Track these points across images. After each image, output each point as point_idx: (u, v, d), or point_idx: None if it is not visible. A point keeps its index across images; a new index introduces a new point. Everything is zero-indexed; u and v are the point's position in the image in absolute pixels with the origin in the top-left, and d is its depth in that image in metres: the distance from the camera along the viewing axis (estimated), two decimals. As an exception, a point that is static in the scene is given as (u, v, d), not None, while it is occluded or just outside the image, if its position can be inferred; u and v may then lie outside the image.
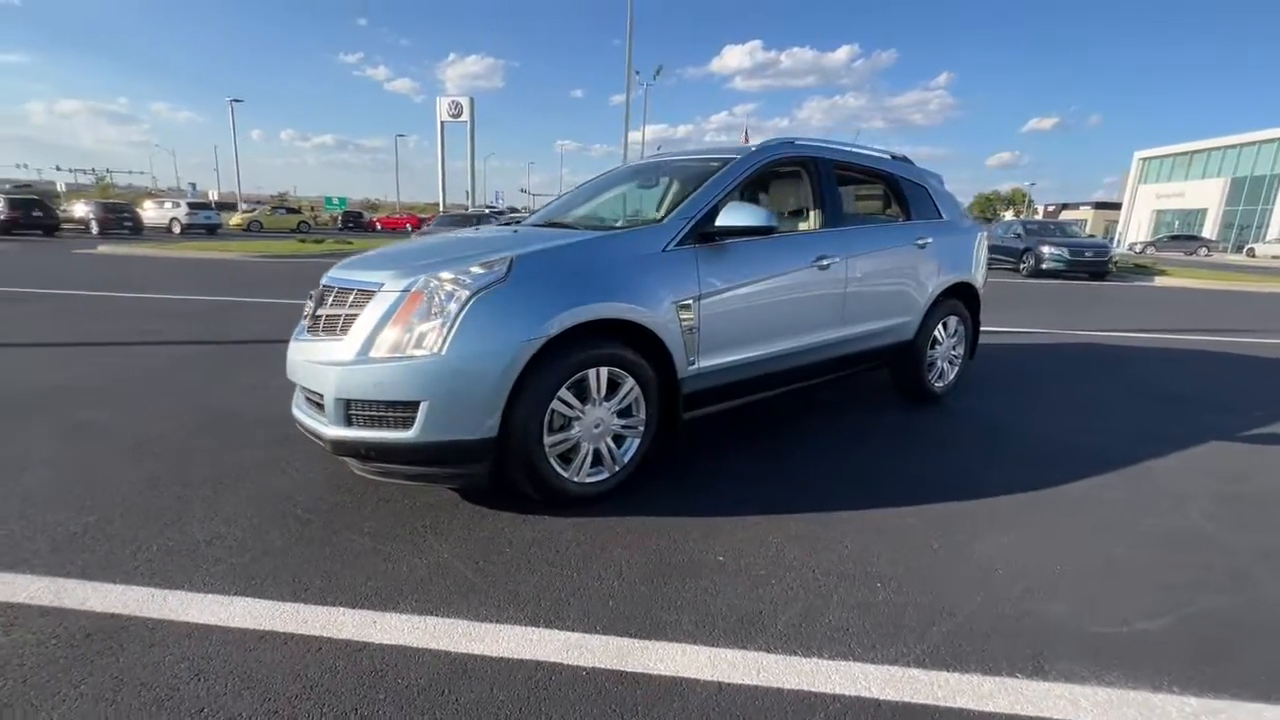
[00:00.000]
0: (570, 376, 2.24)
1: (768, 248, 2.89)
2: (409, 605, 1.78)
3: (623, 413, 2.45)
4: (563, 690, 1.47)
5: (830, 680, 1.53)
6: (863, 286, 3.26)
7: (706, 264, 2.60)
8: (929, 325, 3.72)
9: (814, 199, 3.23)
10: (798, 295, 2.97)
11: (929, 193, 3.86)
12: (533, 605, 1.79)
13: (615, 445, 2.45)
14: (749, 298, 2.76)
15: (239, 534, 2.13)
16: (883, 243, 3.42)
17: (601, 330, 2.32)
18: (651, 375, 2.47)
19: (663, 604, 1.82)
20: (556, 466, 2.29)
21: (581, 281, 2.29)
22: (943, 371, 3.96)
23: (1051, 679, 1.55)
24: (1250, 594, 1.95)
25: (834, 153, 3.40)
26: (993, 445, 3.26)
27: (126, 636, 1.61)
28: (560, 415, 2.27)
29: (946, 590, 1.93)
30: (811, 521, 2.35)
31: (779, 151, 3.13)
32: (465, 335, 2.07)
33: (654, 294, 2.42)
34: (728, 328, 2.69)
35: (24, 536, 2.07)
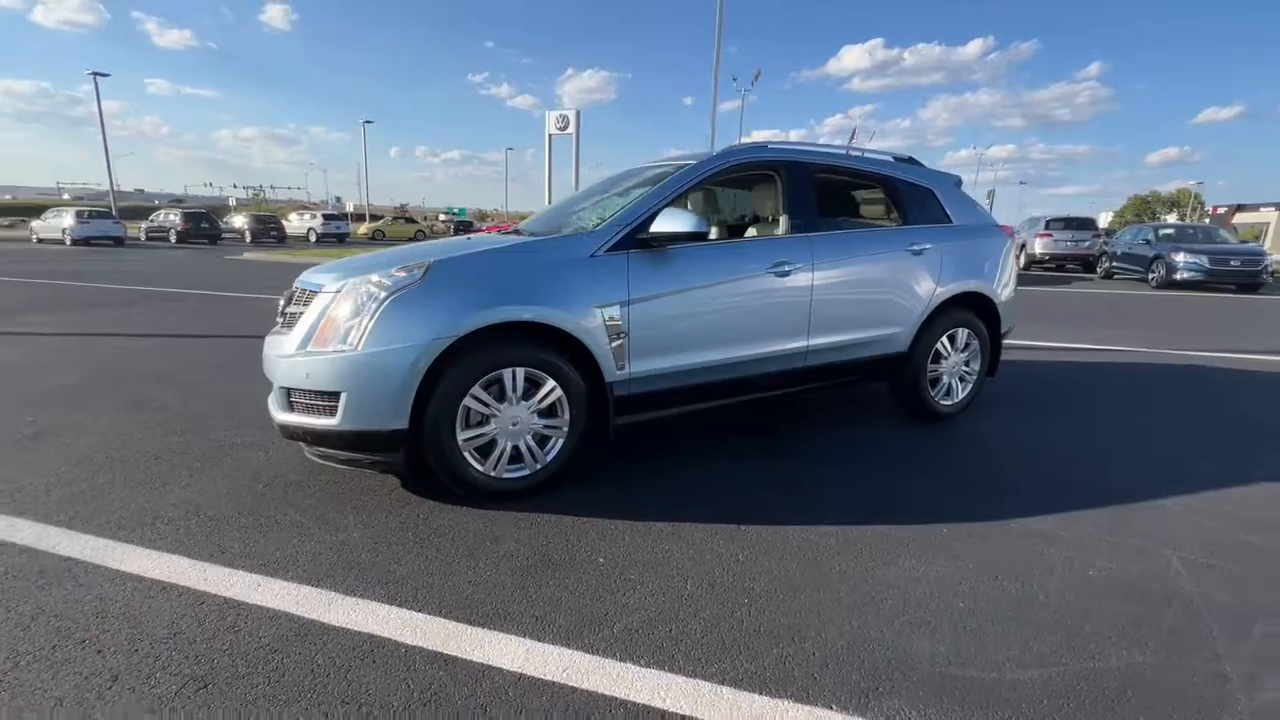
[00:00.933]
0: (483, 375, 2.37)
1: (715, 253, 2.86)
2: (296, 574, 1.97)
3: (546, 413, 2.53)
4: (376, 661, 1.59)
5: (629, 686, 1.53)
6: (835, 295, 3.12)
7: (641, 270, 2.63)
8: (928, 337, 3.47)
9: (783, 204, 3.13)
10: (750, 303, 2.91)
11: (935, 196, 3.59)
12: (399, 586, 1.93)
13: (539, 445, 2.54)
14: (690, 304, 2.75)
15: (200, 501, 2.46)
16: (862, 249, 3.24)
17: (519, 332, 2.42)
18: (575, 378, 2.53)
19: (519, 597, 1.89)
20: (471, 460, 2.42)
21: (496, 286, 2.41)
22: (950, 388, 3.66)
23: (864, 715, 1.45)
24: (1179, 660, 1.68)
25: (814, 156, 3.27)
26: (977, 471, 2.99)
27: (68, 577, 1.93)
28: (476, 412, 2.40)
29: (817, 614, 1.83)
30: (719, 533, 2.30)
31: (742, 156, 3.08)
32: (379, 333, 2.25)
33: (575, 299, 2.49)
34: (664, 334, 2.69)
35: (46, 490, 2.52)
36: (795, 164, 3.17)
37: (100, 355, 5.01)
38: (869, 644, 1.70)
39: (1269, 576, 2.09)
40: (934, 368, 3.57)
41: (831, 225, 3.29)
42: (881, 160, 3.56)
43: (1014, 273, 3.88)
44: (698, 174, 2.91)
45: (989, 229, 3.77)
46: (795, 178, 3.14)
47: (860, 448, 3.24)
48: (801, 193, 3.14)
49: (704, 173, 2.93)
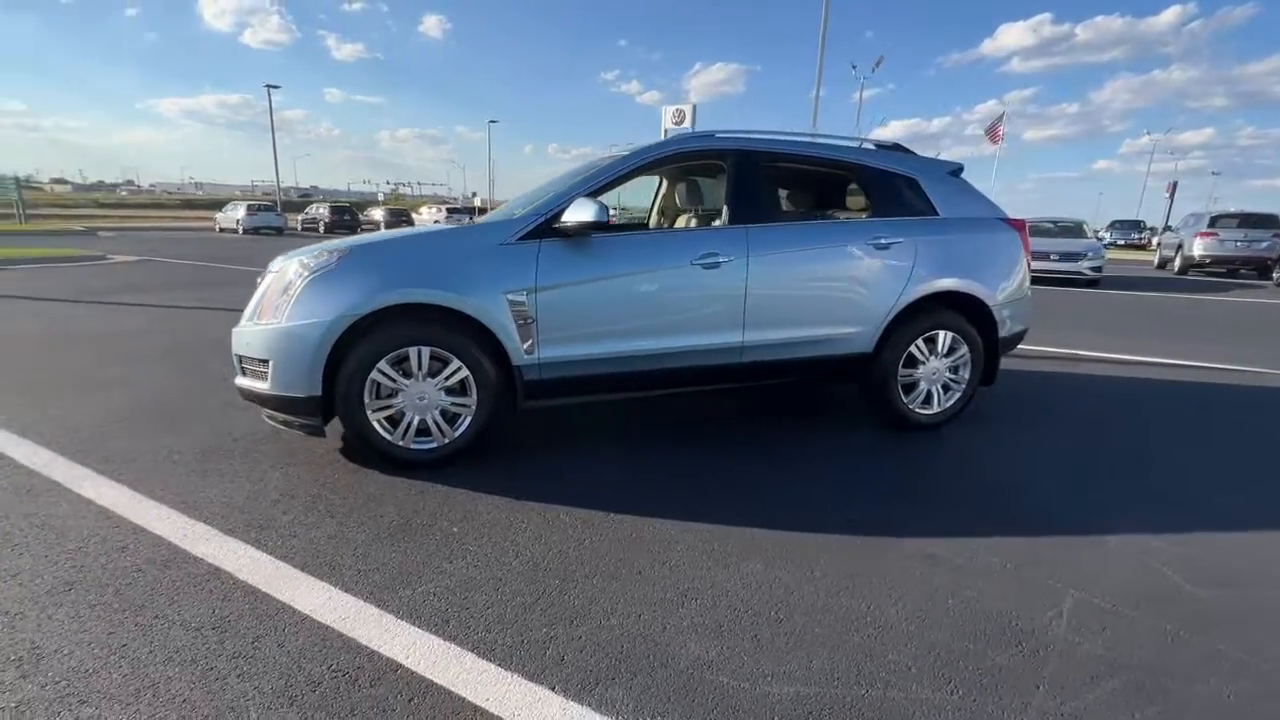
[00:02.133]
0: (390, 351, 2.57)
1: (637, 243, 2.86)
2: (199, 513, 2.29)
3: (455, 391, 2.69)
4: (207, 588, 1.83)
5: (388, 641, 1.65)
6: (776, 290, 2.99)
7: (553, 258, 2.70)
8: (899, 339, 3.21)
9: (727, 194, 3.05)
10: (673, 294, 2.87)
11: (919, 186, 3.29)
12: (270, 532, 2.18)
13: (448, 422, 2.72)
14: (607, 293, 2.78)
15: (176, 448, 2.90)
16: (810, 242, 3.06)
17: (427, 314, 2.60)
18: (482, 360, 2.67)
19: (359, 553, 2.07)
20: (380, 429, 2.65)
21: (402, 270, 2.60)
22: (931, 395, 3.35)
23: (579, 700, 1.46)
24: (971, 705, 1.49)
25: (767, 145, 3.14)
26: (915, 482, 2.74)
27: (32, 493, 2.40)
28: (385, 386, 2.61)
29: (616, 603, 1.84)
30: (585, 519, 2.34)
31: (683, 145, 3.03)
32: (297, 309, 2.53)
33: (481, 284, 2.62)
34: (576, 321, 2.75)
35: (74, 428, 3.09)
36: (742, 153, 3.06)
37: (189, 325, 5.93)
38: (640, 638, 1.69)
39: (1177, 635, 1.76)
40: (908, 373, 3.29)
41: (779, 216, 3.14)
42: (851, 148, 3.32)
43: (1022, 272, 3.45)
44: (629, 164, 2.92)
45: (987, 223, 3.39)
46: (740, 167, 3.04)
47: (800, 448, 3.08)
48: (745, 183, 3.03)
49: (636, 163, 2.93)
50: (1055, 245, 12.24)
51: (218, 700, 1.43)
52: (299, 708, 1.42)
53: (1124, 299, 10.55)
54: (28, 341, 5.07)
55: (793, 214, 3.32)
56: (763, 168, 3.08)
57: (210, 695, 1.45)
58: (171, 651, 1.59)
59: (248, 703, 1.43)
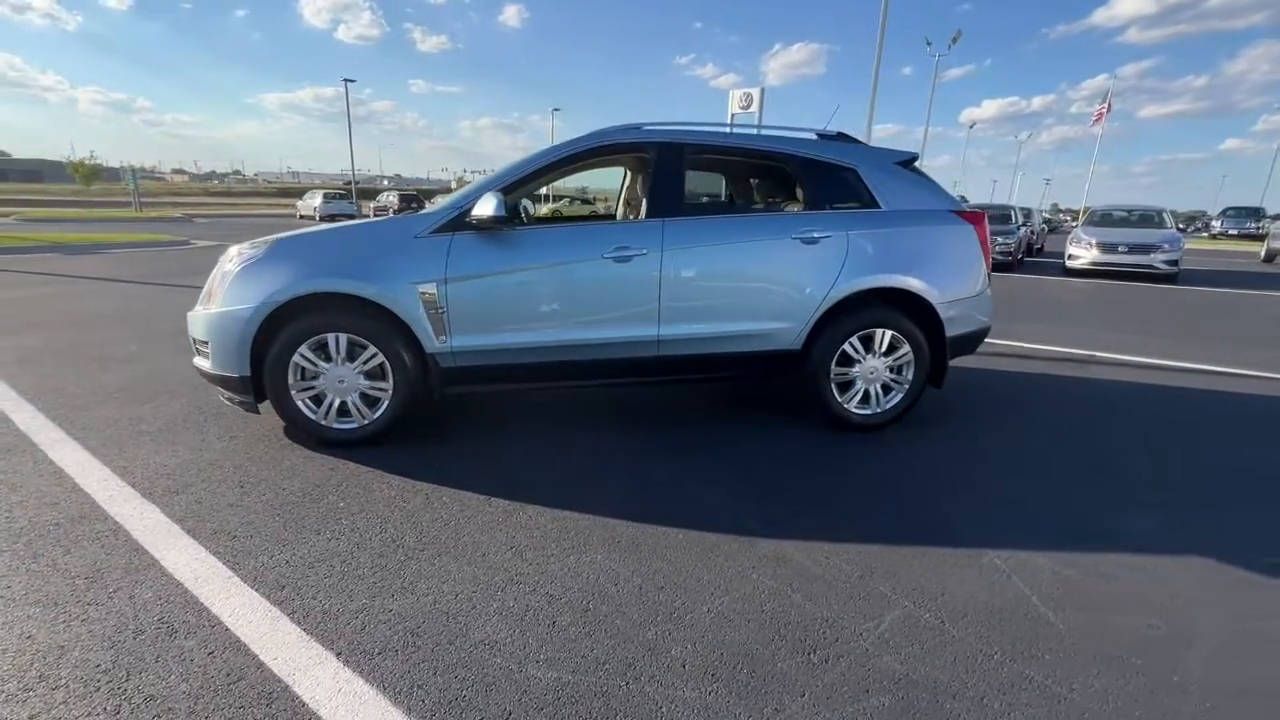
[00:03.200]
0: (310, 336, 2.77)
1: (549, 237, 2.93)
2: (132, 477, 2.58)
3: (374, 375, 2.87)
4: (89, 535, 2.09)
5: (212, 593, 1.83)
6: (691, 284, 2.97)
7: (465, 250, 2.81)
8: (831, 337, 3.12)
9: (648, 187, 3.04)
10: (584, 287, 2.92)
11: (858, 176, 3.16)
12: (180, 497, 2.43)
13: (368, 404, 2.90)
14: (517, 284, 2.86)
15: (147, 418, 3.24)
16: (729, 236, 3.01)
17: (345, 302, 2.77)
18: (398, 347, 2.83)
19: (247, 519, 2.27)
20: (305, 408, 2.86)
21: (321, 261, 2.78)
22: (870, 395, 3.24)
23: (349, 664, 1.58)
24: (710, 699, 1.50)
25: (692, 137, 3.10)
26: (826, 489, 2.68)
27: (10, 451, 2.76)
28: (307, 369, 2.82)
29: (439, 583, 1.95)
30: (464, 504, 2.46)
31: (607, 138, 3.05)
32: (227, 295, 2.77)
33: (393, 275, 2.77)
34: (487, 311, 2.86)
35: (72, 396, 3.51)
36: (665, 145, 3.05)
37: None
38: (446, 616, 1.79)
39: (990, 656, 1.68)
40: (843, 371, 3.19)
41: (703, 210, 3.10)
42: (785, 138, 3.22)
43: (977, 268, 3.25)
44: (545, 159, 2.98)
45: (934, 215, 3.21)
46: (662, 160, 3.03)
47: (721, 444, 3.07)
48: (666, 176, 3.02)
49: (552, 158, 2.98)
50: (1125, 236, 11.23)
51: (53, 638, 1.65)
52: (115, 652, 1.61)
53: (1199, 296, 9.57)
54: (78, 319, 5.72)
55: (721, 208, 3.26)
56: (687, 160, 3.06)
57: (50, 634, 1.67)
58: (42, 595, 1.83)
59: (77, 643, 1.63)
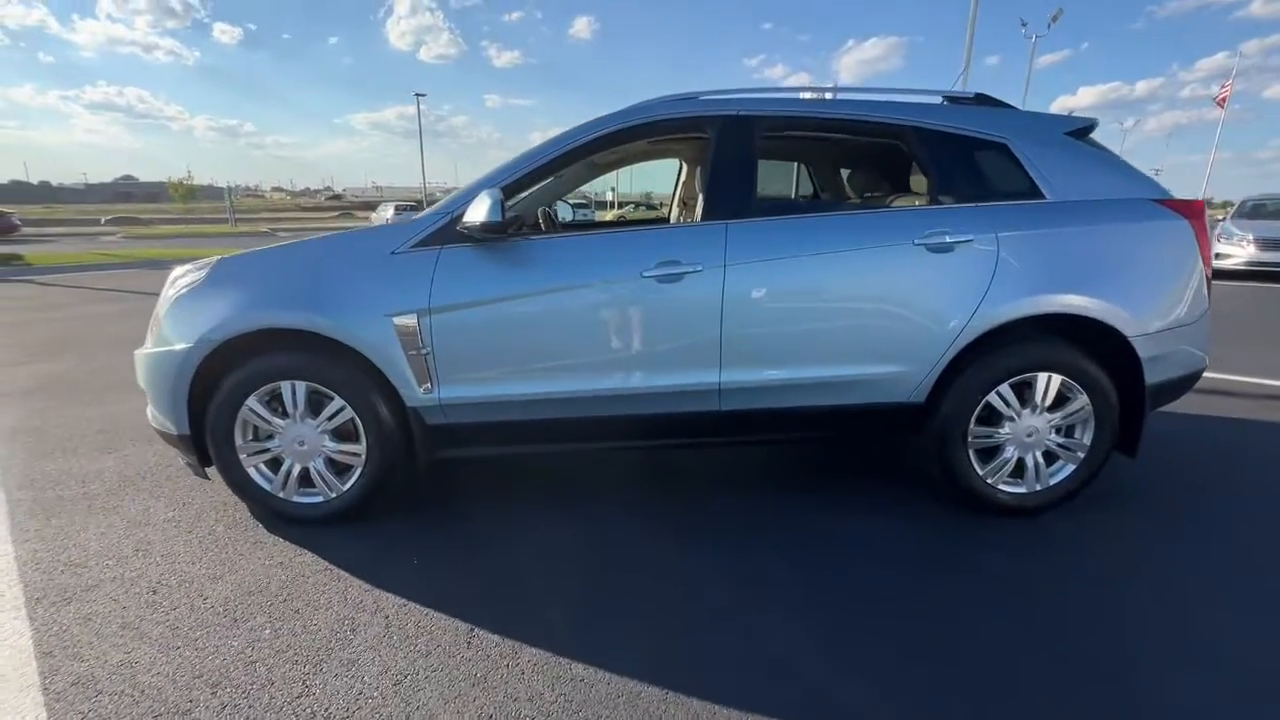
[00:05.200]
0: (260, 385, 2.12)
1: (570, 249, 2.16)
2: (35, 564, 2.00)
3: (344, 435, 2.19)
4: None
5: None
6: (767, 312, 2.11)
7: (453, 270, 2.08)
8: (968, 383, 2.18)
9: (705, 179, 2.21)
10: (614, 319, 2.12)
11: (1011, 154, 2.20)
12: (66, 600, 1.81)
13: (337, 473, 2.23)
14: (521, 316, 2.11)
15: (103, 472, 2.71)
16: (824, 243, 2.12)
17: (301, 340, 2.11)
18: (372, 398, 2.14)
19: (122, 653, 1.62)
20: (257, 477, 2.22)
21: (270, 287, 2.13)
22: (1027, 466, 2.27)
23: None
24: None
25: (771, 106, 2.24)
26: (970, 629, 1.76)
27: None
28: (260, 427, 2.17)
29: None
30: (435, 638, 1.72)
31: (642, 114, 2.23)
32: (160, 333, 2.17)
33: (360, 304, 2.08)
34: (482, 352, 2.12)
35: (50, 436, 3.05)
36: (731, 120, 2.20)
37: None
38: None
39: None
40: (986, 432, 2.23)
41: (776, 209, 2.23)
42: (899, 104, 2.28)
43: (1192, 282, 2.21)
44: (560, 147, 2.19)
45: (1127, 207, 2.19)
46: (726, 140, 2.18)
47: (801, 535, 2.19)
48: (731, 162, 2.17)
49: (568, 145, 2.19)
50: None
51: None
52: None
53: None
54: (124, 339, 5.45)
55: (803, 206, 2.39)
56: (760, 140, 2.20)
57: None
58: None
59: None
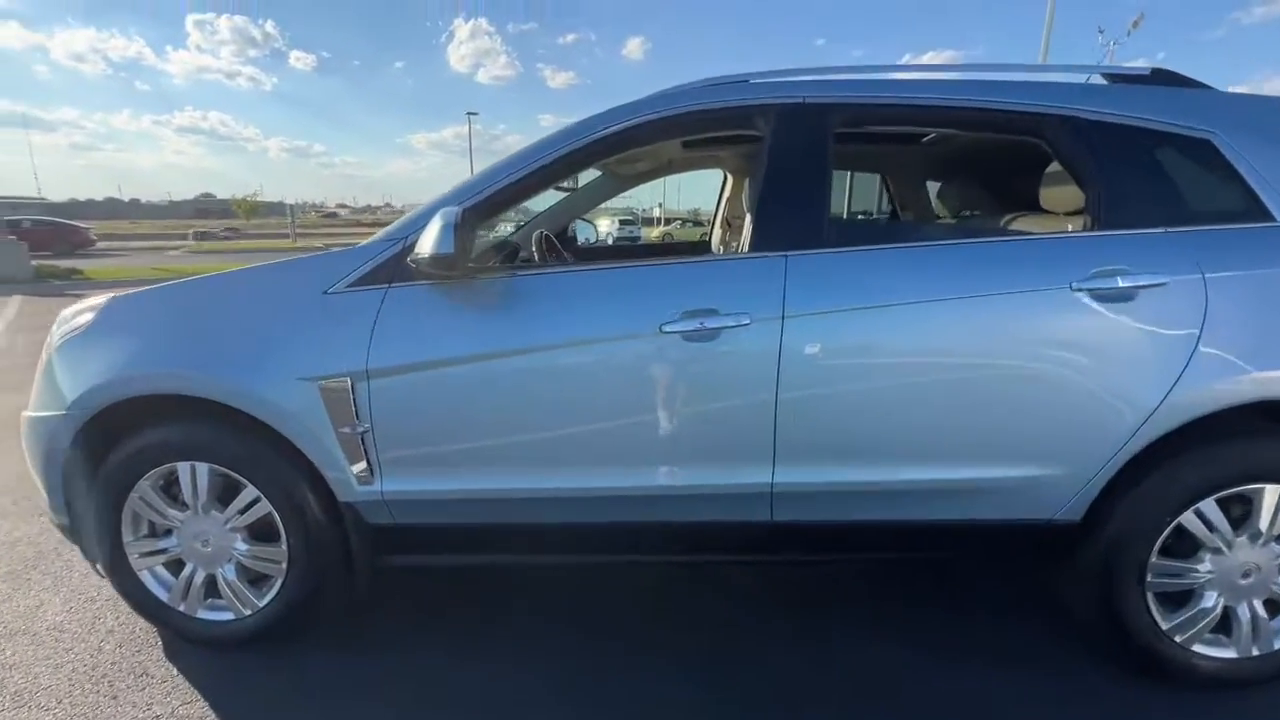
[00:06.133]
0: (151, 466, 1.59)
1: (559, 291, 1.55)
2: None
3: (260, 535, 1.64)
4: None
5: None
6: (843, 384, 1.45)
7: (401, 318, 1.51)
8: (1149, 495, 1.45)
9: (755, 193, 1.57)
10: (623, 390, 1.49)
11: (1218, 154, 1.47)
12: None
13: (251, 581, 1.67)
14: (489, 384, 1.51)
15: (15, 544, 2.25)
16: (937, 285, 1.43)
17: (205, 407, 1.56)
18: (291, 488, 1.57)
19: None
20: (152, 582, 1.68)
21: (162, 337, 1.59)
22: (1239, 620, 1.51)
23: None
24: None
25: (855, 91, 1.58)
26: None
27: None
28: (156, 521, 1.64)
29: None
30: None
31: (669, 105, 1.60)
32: (36, 394, 1.67)
33: (273, 362, 1.52)
34: (438, 431, 1.53)
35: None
36: (794, 111, 1.55)
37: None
38: None
39: None
40: (1174, 567, 1.49)
41: (865, 236, 1.57)
42: (1046, 85, 1.58)
43: None
44: (564, 146, 1.58)
45: None
46: (786, 139, 1.53)
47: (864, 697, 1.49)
48: (792, 168, 1.52)
49: (574, 144, 1.58)
50: None
51: None
52: None
53: None
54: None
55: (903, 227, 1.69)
56: (828, 136, 1.54)
57: None
58: None
59: None
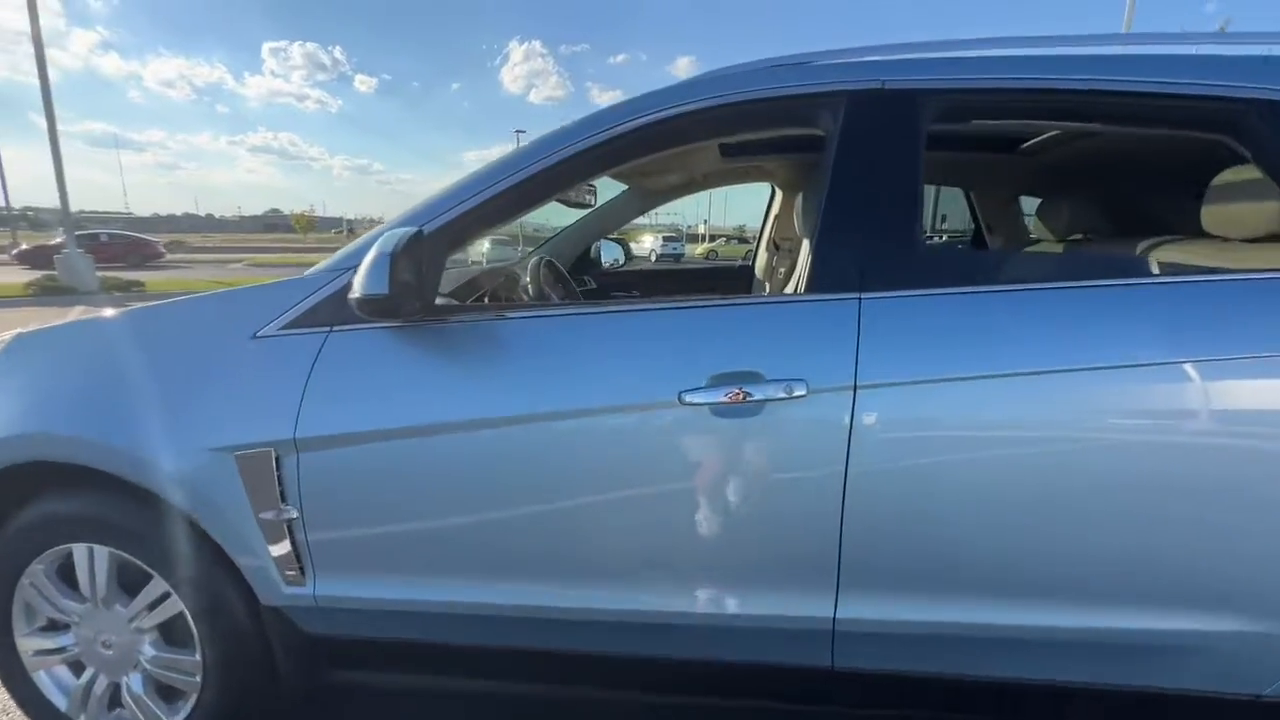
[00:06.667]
0: (44, 548, 1.28)
1: (545, 341, 1.15)
2: None
3: (172, 639, 1.30)
4: None
5: None
6: (963, 485, 1.01)
7: (341, 373, 1.15)
8: None
9: (814, 207, 1.17)
10: (630, 480, 1.09)
11: None
12: None
13: (159, 695, 1.34)
14: (454, 463, 1.13)
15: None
16: (1099, 343, 0.97)
17: (99, 480, 1.24)
18: (207, 582, 1.23)
19: None
20: (49, 686, 1.37)
21: (56, 389, 1.28)
22: None
23: None
24: None
25: (948, 71, 1.15)
26: None
27: None
28: (53, 615, 1.33)
29: None
30: None
31: (713, 93, 1.19)
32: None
33: (189, 426, 1.18)
34: (389, 521, 1.16)
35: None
36: (870, 99, 1.12)
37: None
38: None
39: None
40: None
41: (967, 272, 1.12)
42: (1218, 60, 1.11)
43: None
44: (558, 149, 1.20)
45: None
46: (861, 135, 1.11)
47: None
48: (864, 174, 1.10)
49: (570, 148, 1.19)
50: None
51: None
52: None
53: None
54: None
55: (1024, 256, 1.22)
56: (920, 134, 1.10)
57: None
58: None
59: None
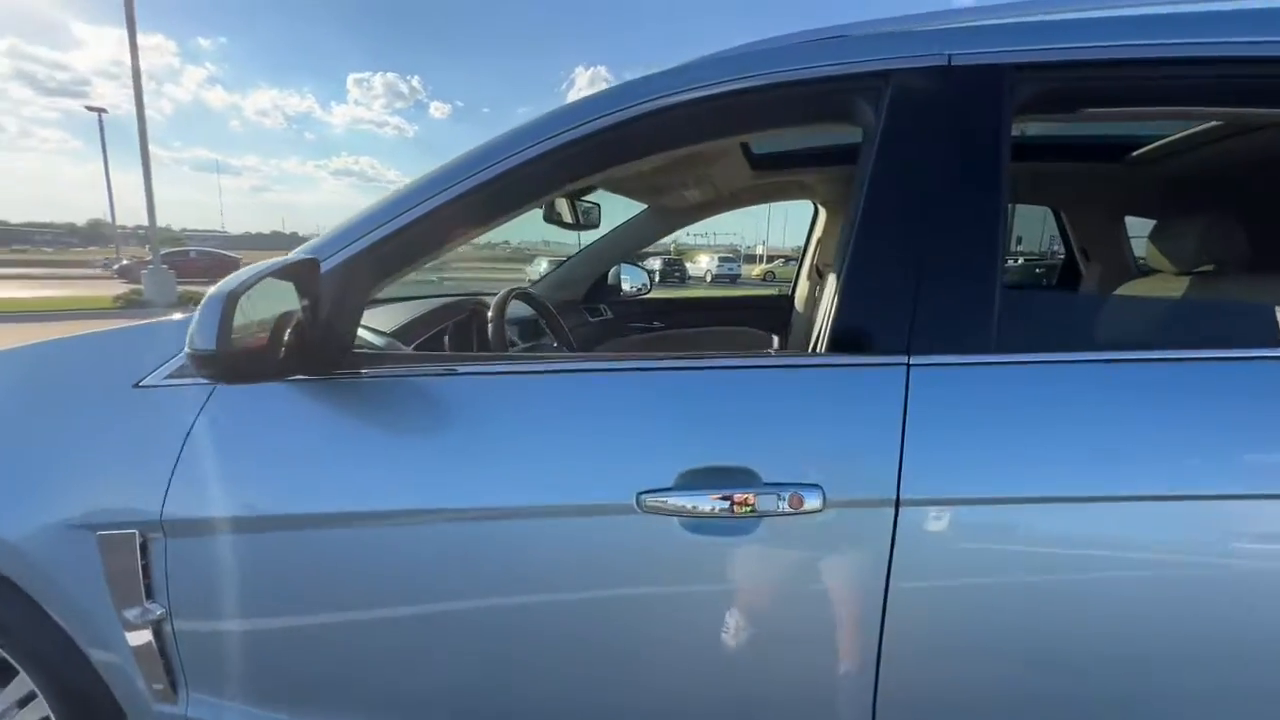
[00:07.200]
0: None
1: (482, 399, 0.87)
2: None
3: (48, 737, 1.09)
4: None
5: None
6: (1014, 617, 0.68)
7: (227, 433, 0.91)
8: None
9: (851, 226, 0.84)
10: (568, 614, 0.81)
11: None
12: None
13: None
14: (354, 562, 0.87)
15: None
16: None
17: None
18: (78, 685, 1.01)
19: None
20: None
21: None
22: None
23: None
24: None
25: (1039, 36, 0.80)
26: None
27: None
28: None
29: None
30: None
31: (716, 76, 0.87)
32: None
33: (46, 496, 0.97)
34: (286, 631, 0.90)
35: None
36: (927, 75, 0.78)
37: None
38: None
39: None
40: None
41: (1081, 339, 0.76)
42: None
43: None
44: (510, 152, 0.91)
45: None
46: (912, 127, 0.77)
47: None
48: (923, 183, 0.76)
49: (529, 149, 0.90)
50: None
51: None
52: None
53: None
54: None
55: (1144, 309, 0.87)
56: (1010, 131, 0.75)
57: None
58: None
59: None
